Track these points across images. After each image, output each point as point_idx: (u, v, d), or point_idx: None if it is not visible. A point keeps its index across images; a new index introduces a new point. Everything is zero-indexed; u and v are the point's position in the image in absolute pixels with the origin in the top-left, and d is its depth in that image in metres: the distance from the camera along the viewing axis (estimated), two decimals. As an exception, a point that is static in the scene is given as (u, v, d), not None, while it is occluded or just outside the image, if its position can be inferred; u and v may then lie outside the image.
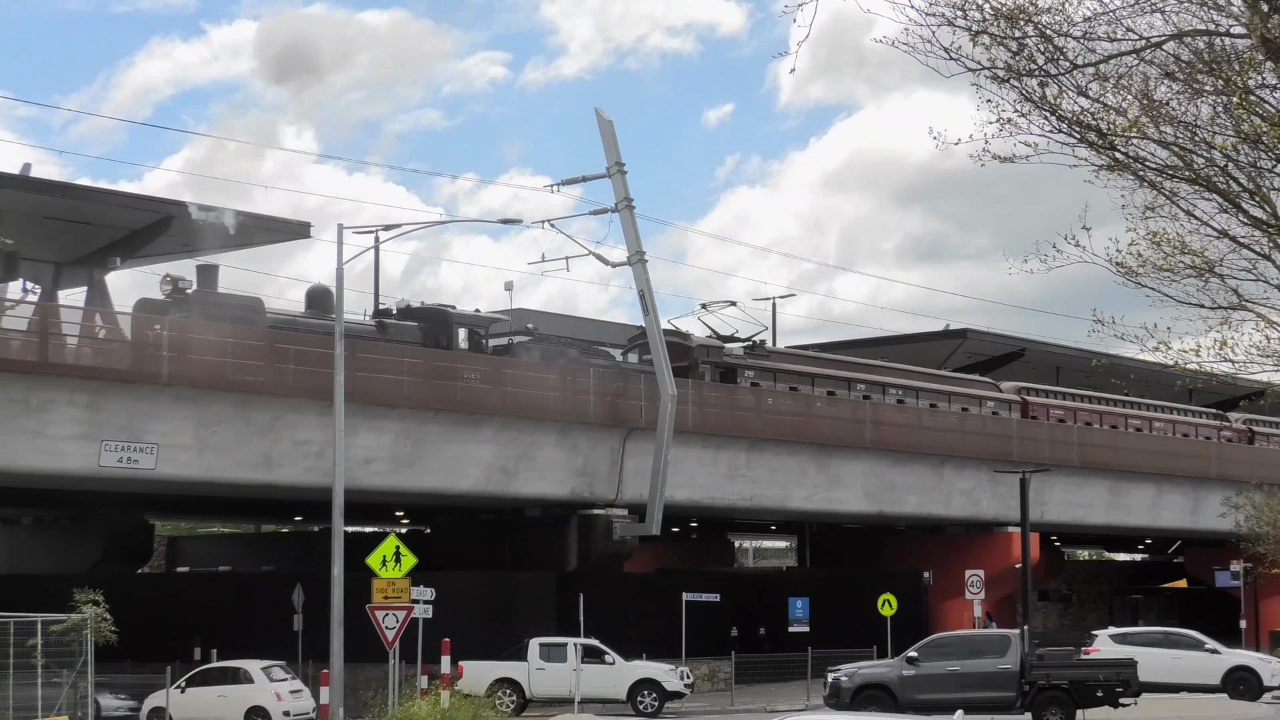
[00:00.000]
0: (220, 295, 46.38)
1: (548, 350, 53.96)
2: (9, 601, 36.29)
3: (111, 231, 50.85)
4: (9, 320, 43.21)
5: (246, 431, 45.39)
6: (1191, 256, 18.37)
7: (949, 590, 68.78)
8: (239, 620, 54.09)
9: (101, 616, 34.26)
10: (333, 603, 39.24)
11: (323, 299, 49.79)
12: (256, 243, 55.94)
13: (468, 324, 52.04)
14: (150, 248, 52.22)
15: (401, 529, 63.39)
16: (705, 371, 57.30)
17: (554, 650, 49.32)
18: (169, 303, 44.47)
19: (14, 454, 41.22)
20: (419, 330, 50.61)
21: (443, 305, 52.62)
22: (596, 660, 49.04)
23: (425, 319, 51.54)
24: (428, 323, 51.19)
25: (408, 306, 52.66)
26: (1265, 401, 72.26)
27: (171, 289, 44.68)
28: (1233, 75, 15.38)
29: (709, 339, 59.08)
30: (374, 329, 50.18)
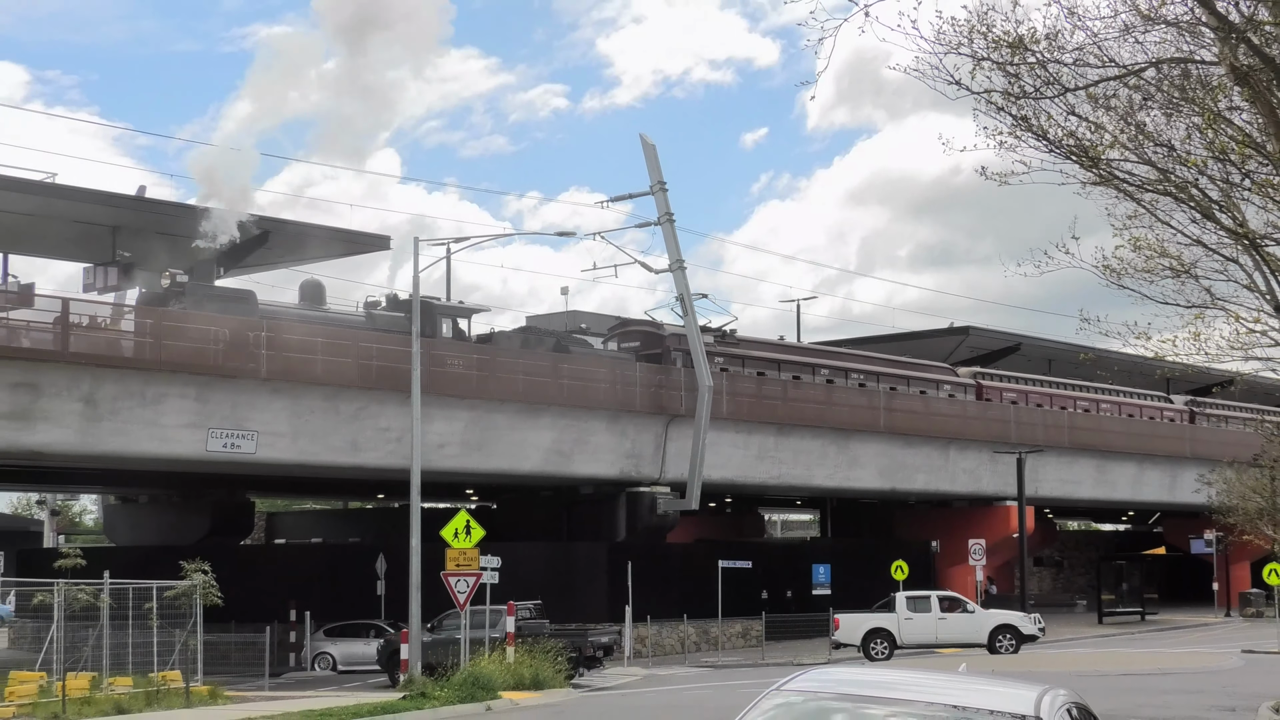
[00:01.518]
0: (213, 288, 44.95)
1: (528, 339, 52.56)
2: (129, 569, 36.44)
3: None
4: (125, 323, 43.43)
5: (335, 420, 45.53)
6: (1168, 260, 18.31)
7: (954, 557, 68.70)
8: (329, 586, 54.27)
9: (208, 583, 34.35)
10: (411, 570, 39.29)
11: (314, 291, 48.89)
12: (343, 254, 56.18)
13: (451, 314, 50.64)
14: (250, 259, 52.38)
15: (471, 505, 63.50)
16: (678, 358, 55.96)
17: (919, 602, 50.65)
18: (168, 294, 43.50)
19: (133, 440, 41.47)
20: (406, 320, 46.85)
21: (428, 297, 50.53)
22: (958, 610, 49.71)
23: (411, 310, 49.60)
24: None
25: (395, 298, 50.85)
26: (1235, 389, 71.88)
27: (170, 282, 43.69)
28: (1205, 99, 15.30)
29: (683, 329, 56.95)
30: (364, 319, 48.41)
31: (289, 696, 36.00)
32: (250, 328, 43.50)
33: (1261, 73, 13.01)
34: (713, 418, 53.87)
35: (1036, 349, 78.41)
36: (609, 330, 59.34)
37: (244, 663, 42.33)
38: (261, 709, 31.09)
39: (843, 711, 9.46)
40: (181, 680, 34.13)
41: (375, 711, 30.38)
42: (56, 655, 32.74)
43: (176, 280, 43.61)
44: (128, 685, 33.38)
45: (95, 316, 41.86)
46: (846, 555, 64.70)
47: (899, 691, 9.74)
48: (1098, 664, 44.93)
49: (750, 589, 56.99)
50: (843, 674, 10.52)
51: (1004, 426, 68.24)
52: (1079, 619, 75.75)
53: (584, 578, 52.99)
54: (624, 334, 57.23)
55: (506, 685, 34.82)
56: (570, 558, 53.92)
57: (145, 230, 47.40)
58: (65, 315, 39.75)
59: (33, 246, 51.17)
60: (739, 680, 39.83)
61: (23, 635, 56.57)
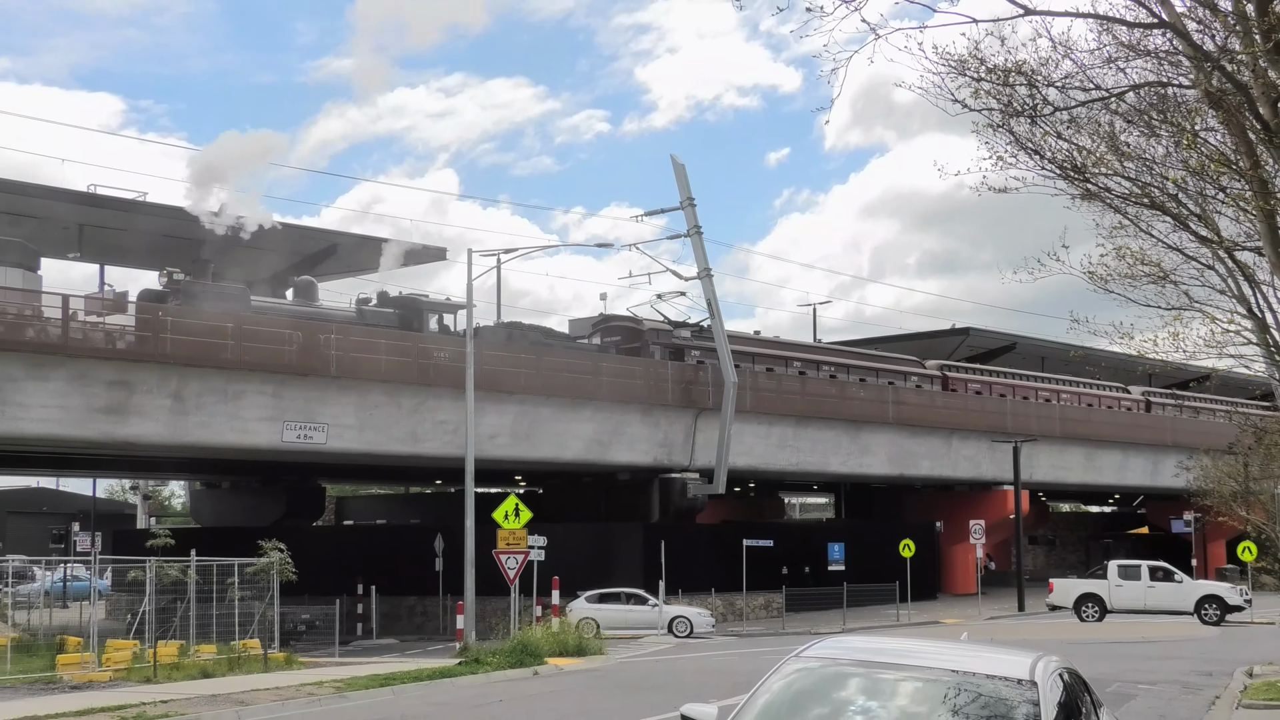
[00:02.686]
0: (209, 285, 43.82)
1: (511, 334, 51.36)
2: (213, 548, 36.61)
3: (289, 255, 51.32)
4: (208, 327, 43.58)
5: (397, 414, 45.65)
6: (1150, 267, 18.25)
7: (956, 536, 68.66)
8: (392, 563, 54.39)
9: (284, 560, 34.50)
10: (466, 548, 39.41)
11: (306, 288, 47.82)
12: (403, 264, 56.36)
13: (437, 310, 49.55)
14: (321, 268, 52.66)
15: (520, 490, 63.60)
16: (655, 351, 55.17)
17: (1129, 570, 50.60)
18: (167, 291, 42.67)
19: (216, 432, 41.68)
20: (395, 316, 47.85)
21: (415, 294, 49.50)
22: (1166, 579, 49.91)
23: (400, 306, 48.83)
24: (403, 309, 48.51)
25: (384, 294, 49.77)
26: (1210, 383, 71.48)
27: (168, 280, 42.81)
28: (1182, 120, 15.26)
29: (661, 324, 56.79)
30: (354, 315, 47.18)
31: (356, 662, 36.12)
32: (321, 331, 43.66)
33: (1233, 96, 12.97)
34: (737, 411, 53.91)
35: (1031, 347, 78.21)
36: (593, 325, 58.12)
37: (316, 632, 42.50)
38: (331, 673, 31.19)
39: (856, 675, 9.48)
40: (260, 648, 34.28)
41: (434, 675, 30.44)
42: (148, 625, 32.95)
43: (174, 278, 42.62)
44: (212, 652, 33.55)
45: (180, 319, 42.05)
46: (859, 535, 64.62)
47: (907, 658, 9.76)
48: (1087, 633, 44.77)
49: (772, 565, 56.94)
50: (856, 642, 10.54)
51: (1001, 418, 68.03)
52: (1070, 592, 75.40)
53: (621, 555, 53.03)
54: (606, 329, 56.53)
55: (552, 652, 34.88)
56: (609, 537, 53.97)
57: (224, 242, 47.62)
58: (155, 319, 39.92)
59: (126, 258, 51.55)
60: (762, 648, 39.80)
61: (118, 607, 56.82)
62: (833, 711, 9.18)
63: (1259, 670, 29.63)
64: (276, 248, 50.36)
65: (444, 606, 50.69)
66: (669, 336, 56.17)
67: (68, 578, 61.35)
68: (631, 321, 56.24)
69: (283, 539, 36.08)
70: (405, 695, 27.68)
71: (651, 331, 55.71)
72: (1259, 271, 18.05)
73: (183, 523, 75.83)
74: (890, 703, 9.14)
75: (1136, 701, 24.39)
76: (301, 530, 57.03)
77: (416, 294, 49.57)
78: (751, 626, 51.78)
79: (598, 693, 27.44)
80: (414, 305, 48.37)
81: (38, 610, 48.47)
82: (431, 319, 48.76)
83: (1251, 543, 52.96)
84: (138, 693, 26.91)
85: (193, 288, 42.33)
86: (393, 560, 54.69)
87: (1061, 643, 36.45)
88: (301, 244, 51.30)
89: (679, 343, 56.54)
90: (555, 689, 28.71)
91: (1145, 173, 16.26)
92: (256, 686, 28.18)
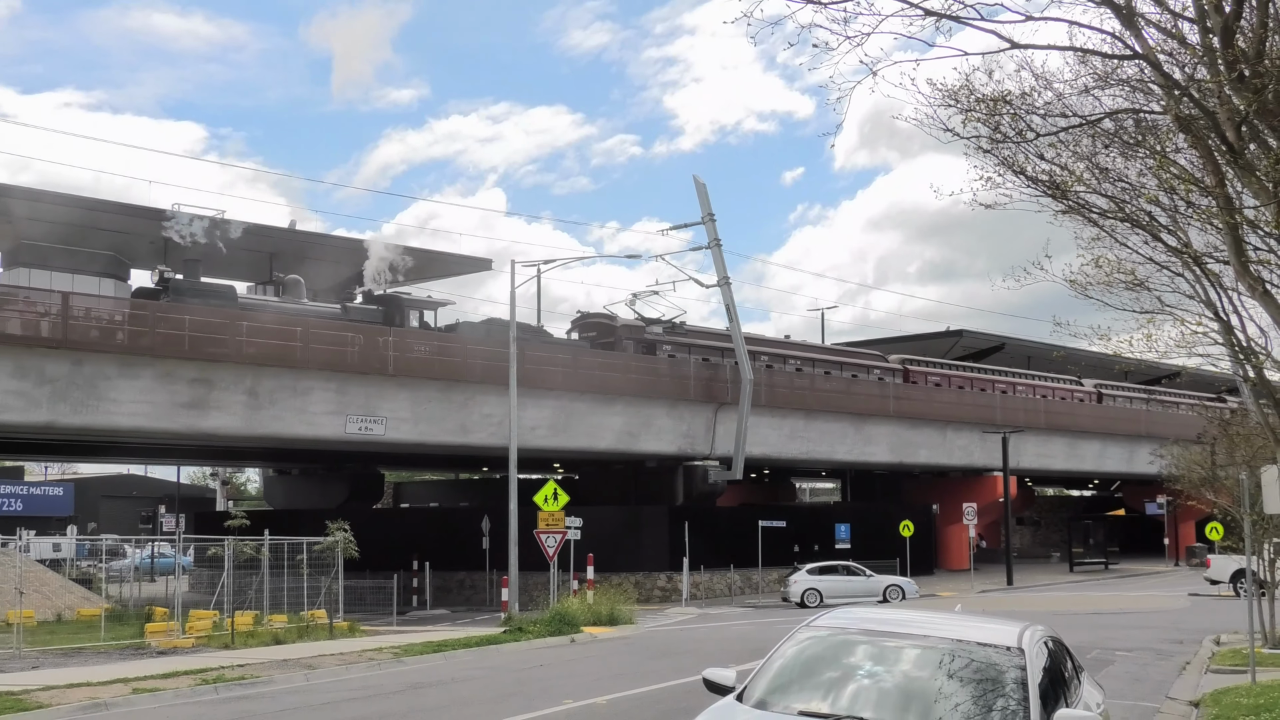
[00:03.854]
0: (198, 284, 42.64)
1: (491, 330, 49.12)
2: (284, 527, 36.79)
3: (353, 265, 51.47)
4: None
5: (448, 408, 45.75)
6: (1125, 275, 18.20)
7: (951, 518, 68.51)
8: (443, 542, 54.48)
9: (347, 539, 34.64)
10: (510, 528, 39.48)
11: (293, 286, 46.21)
12: (453, 274, 56.52)
13: (418, 307, 47.96)
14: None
15: (558, 476, 63.66)
16: (629, 346, 53.80)
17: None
18: (159, 290, 41.73)
19: (287, 425, 41.85)
20: (379, 312, 46.52)
21: (397, 292, 47.88)
22: None
23: (383, 303, 47.48)
24: (385, 306, 47.16)
25: (369, 293, 48.38)
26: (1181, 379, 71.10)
27: (159, 278, 41.87)
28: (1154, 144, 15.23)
29: (635, 320, 55.23)
30: (339, 311, 45.72)
31: (412, 630, 36.26)
32: (380, 334, 43.80)
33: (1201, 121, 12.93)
34: (753, 405, 53.87)
35: (1018, 347, 77.90)
36: (572, 322, 57.03)
37: (376, 603, 42.62)
38: (390, 640, 31.32)
39: (863, 643, 9.52)
40: (326, 617, 34.44)
41: (482, 643, 30.54)
42: (226, 597, 33.13)
43: (164, 277, 41.67)
44: (283, 621, 33.72)
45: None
46: (863, 516, 64.48)
47: (908, 627, 9.80)
48: (1069, 605, 44.64)
49: (784, 544, 56.88)
50: (862, 614, 10.57)
51: (991, 411, 67.81)
52: (1053, 568, 75.18)
53: (649, 535, 53.05)
54: (583, 325, 55.56)
55: (587, 621, 34.98)
56: (637, 518, 53.97)
57: (296, 255, 47.86)
58: (235, 324, 40.11)
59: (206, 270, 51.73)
60: (776, 618, 39.79)
61: (200, 581, 57.17)
62: (843, 674, 9.22)
63: (1225, 639, 29.53)
64: (339, 259, 50.53)
65: (490, 581, 50.79)
66: (641, 332, 54.81)
67: (155, 555, 61.73)
68: (606, 318, 55.13)
69: (346, 520, 36.21)
70: (456, 660, 27.78)
71: (625, 328, 54.51)
72: (1225, 279, 18.00)
73: (257, 505, 76.21)
74: (894, 667, 9.18)
75: (1115, 666, 24.32)
76: (363, 512, 57.20)
77: (399, 292, 48.15)
78: (765, 599, 51.73)
79: (628, 657, 27.50)
80: (396, 302, 47.34)
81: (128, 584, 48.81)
82: (412, 315, 47.37)
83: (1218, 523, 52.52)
84: (217, 657, 27.08)
85: (181, 285, 41.28)
86: (444, 539, 54.79)
87: (1046, 613, 36.33)
88: (357, 256, 51.45)
89: (651, 338, 55.18)
90: (590, 654, 28.77)
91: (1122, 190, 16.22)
92: (323, 652, 28.31)
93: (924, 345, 74.93)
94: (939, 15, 11.94)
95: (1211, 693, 19.58)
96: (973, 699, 8.75)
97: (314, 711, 19.31)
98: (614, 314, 55.59)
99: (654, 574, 52.41)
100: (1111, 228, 17.25)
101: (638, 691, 20.89)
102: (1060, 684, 9.56)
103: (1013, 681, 8.83)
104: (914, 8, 11.92)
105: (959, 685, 8.89)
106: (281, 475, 65.58)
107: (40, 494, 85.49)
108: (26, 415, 36.61)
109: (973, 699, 8.75)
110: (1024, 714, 8.53)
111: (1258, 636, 24.55)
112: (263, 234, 46.93)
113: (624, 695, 20.46)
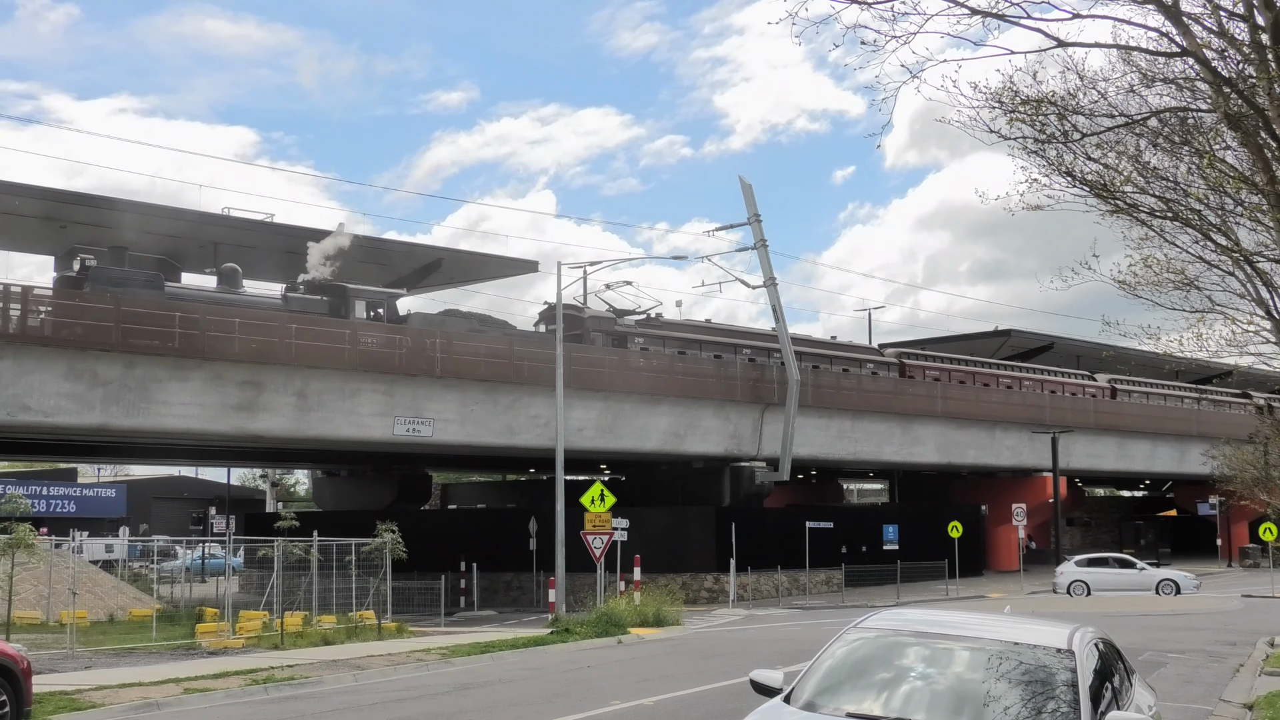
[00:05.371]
0: (123, 271, 40.20)
1: (446, 321, 47.48)
2: (332, 529, 37.00)
3: (400, 268, 51.77)
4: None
5: (495, 409, 45.90)
6: (1175, 275, 18.08)
7: (1000, 519, 68.09)
8: (491, 543, 54.68)
9: (396, 540, 34.77)
10: (557, 529, 39.57)
11: (230, 275, 43.37)
12: (501, 275, 56.65)
13: (366, 298, 45.57)
14: (430, 280, 53.07)
15: (604, 477, 63.78)
16: (596, 338, 51.97)
17: None
18: (80, 278, 39.25)
19: (336, 427, 42.12)
20: (323, 302, 44.45)
21: (343, 282, 45.82)
22: None
23: (328, 293, 45.32)
24: (331, 296, 44.93)
25: (311, 282, 46.09)
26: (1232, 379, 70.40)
27: (80, 265, 39.71)
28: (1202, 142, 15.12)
29: (604, 313, 53.74)
30: (280, 301, 43.54)
31: (460, 631, 36.39)
32: (428, 336, 44.00)
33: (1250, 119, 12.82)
34: (799, 406, 53.75)
35: (1067, 347, 77.27)
36: (540, 314, 55.12)
37: (424, 604, 42.81)
38: (438, 641, 31.44)
39: (913, 644, 9.49)
40: (374, 618, 34.62)
41: (529, 643, 30.61)
42: (276, 598, 33.35)
43: (85, 264, 39.87)
44: (332, 622, 33.93)
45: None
46: (911, 517, 64.24)
47: (959, 629, 9.76)
48: (1120, 606, 44.25)
49: (832, 545, 56.76)
50: (910, 614, 10.54)
51: (1040, 411, 67.36)
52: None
53: (696, 536, 53.01)
54: (550, 316, 54.26)
55: (633, 622, 34.97)
56: (684, 520, 53.96)
57: (346, 257, 48.12)
58: (284, 327, 40.40)
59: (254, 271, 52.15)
60: (824, 619, 39.68)
61: (250, 582, 57.62)
62: (892, 676, 9.20)
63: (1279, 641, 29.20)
64: (388, 261, 50.82)
65: (537, 582, 50.92)
66: (610, 324, 53.42)
67: (205, 555, 62.26)
68: (573, 310, 52.56)
69: (394, 521, 36.35)
70: (503, 661, 27.86)
71: (593, 319, 53.08)
72: (1276, 277, 17.87)
73: (306, 507, 76.70)
74: (944, 669, 9.15)
75: (1167, 669, 24.11)
76: (410, 513, 57.44)
77: (344, 283, 45.79)
78: (813, 600, 51.62)
79: (675, 659, 27.48)
80: (341, 292, 45.29)
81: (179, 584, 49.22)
82: (359, 305, 45.25)
83: (1272, 524, 52.16)
84: (267, 658, 27.27)
85: (102, 272, 39.56)
86: (492, 540, 54.98)
87: (1097, 615, 36.03)
88: (410, 259, 51.72)
89: (622, 330, 53.59)
90: (637, 655, 28.78)
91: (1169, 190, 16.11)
92: (371, 653, 28.46)
93: (972, 345, 74.47)
94: (985, 14, 11.90)
95: (1266, 695, 19.38)
96: (1023, 701, 8.71)
97: (363, 712, 19.42)
98: (581, 305, 53.91)
99: (701, 575, 52.34)
100: (1160, 227, 17.15)
101: (685, 693, 20.88)
102: (1111, 686, 9.51)
103: (1063, 684, 8.79)
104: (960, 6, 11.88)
105: (1009, 687, 8.86)
106: (330, 477, 65.94)
107: (93, 496, 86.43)
108: (80, 418, 37.05)
109: (1023, 701, 8.71)
110: (1074, 716, 8.49)
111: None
112: (310, 236, 47.23)
113: (671, 696, 20.46)
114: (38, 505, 73.87)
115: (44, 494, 79.50)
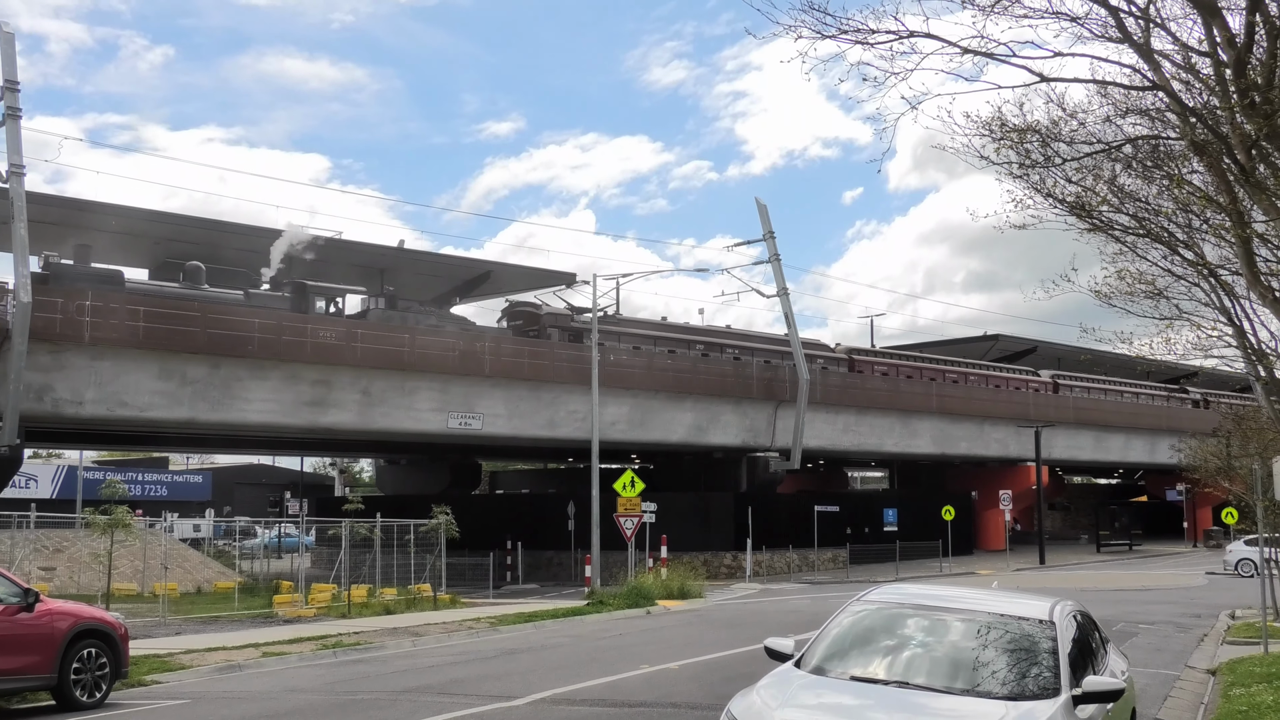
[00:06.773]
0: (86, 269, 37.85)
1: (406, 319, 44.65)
2: (394, 510, 37.12)
3: (452, 280, 51.85)
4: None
5: (538, 405, 45.94)
6: (1146, 286, 18.00)
7: (988, 504, 67.80)
8: (534, 524, 54.72)
9: (449, 521, 34.88)
10: (592, 512, 39.61)
11: (193, 273, 40.84)
12: (541, 286, 56.64)
13: (324, 294, 43.28)
14: (478, 291, 53.11)
15: (635, 465, 63.69)
16: (553, 334, 49.62)
17: None
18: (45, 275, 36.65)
19: (396, 420, 42.24)
20: (285, 299, 42.34)
21: (303, 280, 43.77)
22: None
23: (291, 291, 43.08)
24: (292, 293, 42.84)
25: (276, 279, 44.22)
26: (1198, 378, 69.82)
27: (45, 263, 37.30)
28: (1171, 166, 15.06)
29: (563, 310, 51.16)
30: (242, 298, 40.90)
31: (506, 602, 36.47)
32: (477, 339, 44.09)
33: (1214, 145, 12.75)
34: (809, 402, 53.63)
35: (1049, 350, 76.75)
36: (502, 310, 52.69)
37: (474, 579, 42.91)
38: (486, 611, 31.53)
39: (912, 615, 9.50)
40: (430, 591, 34.73)
41: (568, 614, 30.68)
42: (343, 572, 33.51)
43: (49, 262, 37.59)
44: (392, 594, 34.05)
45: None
46: (908, 503, 64.01)
47: (953, 602, 9.75)
48: (1096, 582, 44.03)
49: (837, 527, 56.62)
50: (909, 589, 10.57)
51: (1024, 407, 66.98)
52: (1082, 549, 74.12)
53: (716, 518, 52.96)
54: (511, 313, 51.70)
55: (661, 595, 35.02)
56: (706, 504, 53.91)
57: (405, 270, 48.30)
58: (352, 332, 40.54)
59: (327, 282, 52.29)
60: (831, 593, 39.59)
61: (320, 558, 57.79)
62: (892, 644, 9.20)
63: (1240, 613, 29.02)
64: (439, 273, 50.88)
65: (574, 559, 50.94)
66: (567, 321, 50.91)
67: (281, 534, 62.52)
68: (532, 307, 51.40)
69: (448, 504, 36.45)
70: (545, 629, 27.92)
71: (549, 316, 50.88)
72: (1238, 288, 17.79)
73: (370, 491, 76.90)
74: (943, 638, 9.15)
75: (1138, 638, 23.98)
76: (463, 498, 57.56)
77: (303, 280, 43.69)
78: (820, 576, 51.49)
79: (698, 628, 27.48)
80: (301, 289, 43.12)
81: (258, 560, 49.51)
82: (318, 302, 43.11)
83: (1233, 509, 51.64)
84: (335, 625, 27.40)
85: (65, 271, 37.16)
86: (534, 522, 55.04)
87: (1075, 590, 35.86)
88: (461, 271, 51.79)
89: (578, 326, 50.60)
90: (664, 624, 28.79)
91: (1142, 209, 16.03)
92: (428, 621, 28.55)
93: (963, 348, 74.10)
94: (975, 53, 11.87)
95: (1227, 662, 19.28)
96: (1010, 666, 8.73)
97: (421, 673, 19.49)
98: (539, 303, 51.89)
99: (720, 553, 52.27)
100: (1133, 243, 17.06)
101: (707, 658, 20.88)
102: (1088, 653, 9.50)
103: (1045, 651, 8.79)
104: (951, 45, 11.86)
105: (997, 654, 8.87)
106: (391, 464, 66.12)
107: (182, 481, 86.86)
108: (170, 412, 37.26)
109: (1010, 666, 8.73)
110: (1055, 680, 8.49)
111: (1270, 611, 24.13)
112: (373, 251, 47.40)
113: (694, 661, 20.47)
114: (134, 490, 74.32)
115: (139, 480, 79.92)
